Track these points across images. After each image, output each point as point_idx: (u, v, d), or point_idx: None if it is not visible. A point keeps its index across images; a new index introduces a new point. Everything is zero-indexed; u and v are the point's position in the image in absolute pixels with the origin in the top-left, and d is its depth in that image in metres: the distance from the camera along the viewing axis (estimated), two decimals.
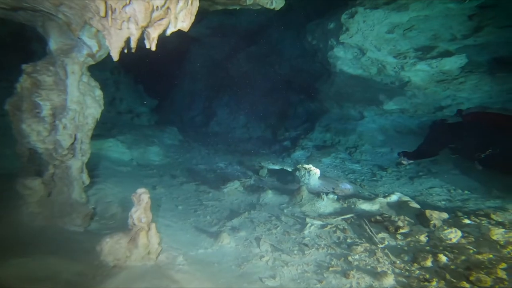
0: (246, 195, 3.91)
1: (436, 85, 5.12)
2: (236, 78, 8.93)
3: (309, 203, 3.47)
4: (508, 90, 4.99)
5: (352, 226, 3.03)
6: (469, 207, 3.66)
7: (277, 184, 4.46)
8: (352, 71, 5.62)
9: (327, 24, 5.41)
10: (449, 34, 4.55)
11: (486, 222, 2.88)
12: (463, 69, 4.78)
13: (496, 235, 2.55)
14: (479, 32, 4.36)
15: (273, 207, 3.53)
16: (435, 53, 4.71)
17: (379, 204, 3.35)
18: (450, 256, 2.34)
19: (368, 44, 4.91)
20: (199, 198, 3.83)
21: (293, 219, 3.22)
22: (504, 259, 2.20)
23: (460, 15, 4.28)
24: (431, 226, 2.82)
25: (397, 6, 4.34)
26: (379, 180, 4.61)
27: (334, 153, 5.70)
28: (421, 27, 4.59)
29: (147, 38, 1.82)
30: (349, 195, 3.90)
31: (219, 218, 3.30)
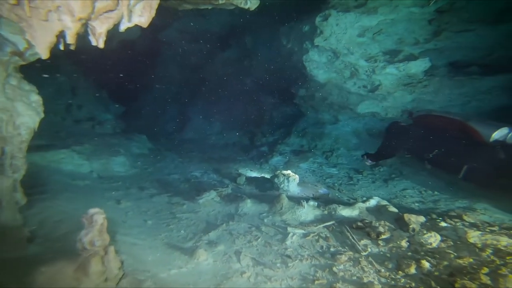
0: (223, 206, 3.68)
1: (404, 88, 5.30)
2: (210, 83, 8.66)
3: (290, 211, 3.34)
4: (465, 94, 5.32)
5: (334, 234, 2.94)
6: (441, 208, 3.78)
7: (256, 192, 4.29)
8: (327, 75, 5.66)
9: (301, 27, 5.40)
10: (412, 38, 4.74)
11: (461, 224, 2.95)
12: (426, 72, 4.99)
13: (473, 238, 2.59)
14: (438, 36, 4.59)
15: (252, 217, 3.34)
16: (401, 56, 4.89)
17: (359, 209, 3.32)
18: (433, 262, 2.33)
19: (341, 47, 4.96)
20: (171, 211, 3.53)
21: (274, 229, 3.06)
22: (485, 263, 2.22)
23: (421, 20, 4.48)
24: (410, 230, 2.83)
25: (367, 10, 4.44)
26: (356, 183, 4.63)
27: (311, 158, 5.67)
28: (388, 30, 4.73)
29: (92, 33, 1.52)
30: (328, 200, 3.84)
31: (195, 231, 3.04)
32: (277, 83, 7.65)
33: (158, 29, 7.33)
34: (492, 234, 2.67)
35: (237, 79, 8.32)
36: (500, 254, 2.33)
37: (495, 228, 2.85)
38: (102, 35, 1.52)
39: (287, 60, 6.59)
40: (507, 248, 2.43)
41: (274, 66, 7.34)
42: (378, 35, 4.82)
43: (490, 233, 2.68)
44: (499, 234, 2.66)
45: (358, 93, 5.68)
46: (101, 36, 1.52)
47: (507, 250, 2.38)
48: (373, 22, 4.60)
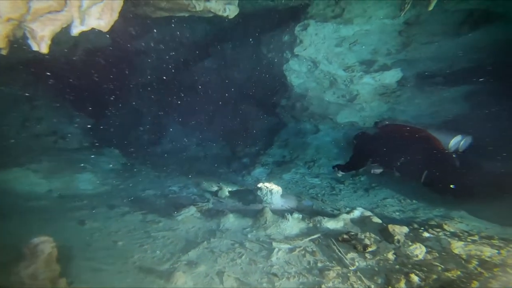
0: (204, 221, 3.45)
1: (380, 98, 5.46)
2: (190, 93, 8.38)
3: (274, 225, 3.19)
4: (433, 103, 5.56)
5: (320, 247, 2.83)
6: (420, 217, 3.82)
7: (239, 206, 4.10)
8: (307, 84, 5.70)
9: (282, 37, 5.41)
10: (385, 48, 4.91)
11: (442, 234, 2.96)
12: (399, 83, 5.17)
13: (457, 248, 2.59)
14: (407, 47, 4.78)
15: (235, 233, 3.15)
16: (376, 66, 5.05)
17: (343, 221, 3.25)
18: (421, 275, 2.28)
19: (320, 57, 5.03)
20: (146, 229, 3.23)
21: (259, 244, 2.89)
22: (473, 276, 2.20)
23: (392, 31, 4.65)
24: (395, 242, 2.78)
25: (344, 20, 4.54)
26: (338, 194, 4.60)
27: (294, 169, 5.60)
28: (364, 41, 4.86)
29: (31, 36, 1.30)
30: (313, 212, 3.75)
31: (173, 251, 2.78)
32: (259, 93, 7.59)
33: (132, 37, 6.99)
34: (475, 244, 2.68)
35: (218, 88, 8.16)
36: (486, 266, 2.32)
37: (476, 238, 2.86)
38: (44, 39, 1.31)
39: (268, 70, 6.58)
40: (492, 259, 2.42)
41: (255, 76, 7.29)
42: (354, 46, 4.94)
43: (473, 243, 2.69)
44: (481, 244, 2.67)
45: (337, 102, 5.76)
46: (43, 40, 1.30)
47: (493, 261, 2.37)
48: (349, 32, 4.71)
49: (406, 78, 5.24)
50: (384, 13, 4.31)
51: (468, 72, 5.02)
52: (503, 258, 2.43)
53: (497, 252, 2.54)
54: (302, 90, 5.80)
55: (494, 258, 2.44)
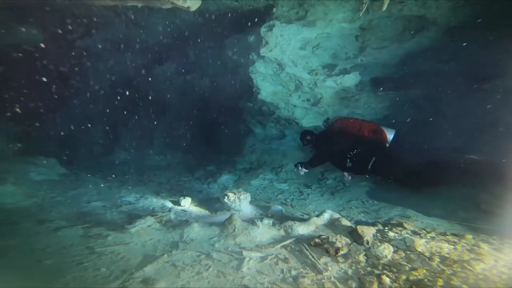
0: (165, 233, 3.12)
1: (341, 102, 5.66)
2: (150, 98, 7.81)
3: (244, 232, 3.01)
4: (386, 108, 5.96)
5: (293, 254, 2.73)
6: (383, 217, 3.98)
7: (205, 215, 3.85)
8: (273, 87, 5.68)
9: (247, 38, 5.35)
10: (344, 53, 5.12)
11: (405, 232, 3.10)
12: (357, 87, 5.41)
13: (420, 246, 2.67)
14: (363, 52, 5.03)
15: (201, 243, 2.90)
16: (337, 70, 5.22)
17: (314, 224, 3.21)
18: (392, 276, 2.29)
19: (286, 59, 5.04)
20: (88, 245, 2.78)
21: (228, 254, 2.68)
22: (437, 274, 2.26)
23: (350, 35, 4.86)
24: (365, 243, 2.81)
25: (307, 23, 4.62)
26: (306, 198, 4.61)
27: (261, 174, 5.51)
28: (325, 45, 5.01)
29: None
30: (283, 218, 3.66)
31: (124, 268, 2.42)
32: (225, 98, 7.38)
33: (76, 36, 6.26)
34: (434, 241, 2.81)
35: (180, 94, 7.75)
36: (447, 263, 2.42)
37: (434, 234, 3.02)
38: None
39: (234, 73, 6.45)
40: (450, 255, 2.54)
41: (221, 80, 7.09)
42: (317, 49, 5.06)
43: (432, 240, 2.82)
44: (439, 241, 2.81)
45: (303, 106, 5.84)
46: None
47: (452, 258, 2.49)
48: (312, 34, 4.81)
49: (363, 83, 5.52)
50: (342, 17, 4.48)
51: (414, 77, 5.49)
52: (459, 254, 2.58)
53: (453, 247, 2.68)
54: (268, 94, 5.77)
55: (452, 254, 2.57)
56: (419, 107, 5.87)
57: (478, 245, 2.72)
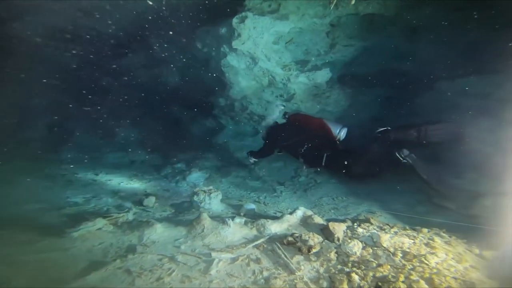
0: (120, 236, 2.86)
1: (313, 98, 5.67)
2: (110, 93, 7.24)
3: (213, 232, 2.89)
4: (353, 105, 6.11)
5: (265, 253, 2.67)
6: (351, 213, 4.07)
7: (171, 215, 3.63)
8: (246, 82, 5.56)
9: (218, 30, 5.17)
10: (315, 49, 5.15)
11: (372, 228, 3.18)
12: (328, 84, 5.45)
13: (385, 242, 2.72)
14: (333, 49, 5.11)
15: (164, 245, 2.71)
16: (310, 66, 5.22)
17: (287, 222, 3.18)
18: (360, 273, 2.31)
19: (259, 53, 4.94)
20: (7, 253, 2.39)
21: (195, 256, 2.54)
22: (399, 269, 2.31)
23: (321, 31, 4.90)
24: (336, 240, 2.83)
25: (280, 16, 4.57)
26: (279, 195, 4.58)
27: (234, 172, 5.38)
28: (298, 40, 5.00)
29: None
30: (256, 216, 3.58)
31: (58, 277, 2.12)
32: (195, 93, 7.10)
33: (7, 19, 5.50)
34: (397, 236, 2.87)
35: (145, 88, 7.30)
36: (408, 257, 2.47)
37: (396, 229, 3.09)
38: None
39: (204, 67, 6.20)
40: (410, 249, 2.60)
41: (190, 74, 6.79)
42: (290, 45, 5.03)
43: (396, 235, 2.88)
44: (401, 236, 2.88)
45: (276, 102, 5.80)
46: None
47: (412, 252, 2.54)
48: (286, 28, 4.76)
49: (333, 80, 5.61)
50: (314, 12, 4.49)
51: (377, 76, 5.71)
52: (418, 248, 2.65)
53: (413, 242, 2.76)
54: (241, 88, 5.64)
55: (411, 249, 2.64)
56: (382, 105, 6.11)
57: (433, 239, 2.83)
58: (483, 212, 3.08)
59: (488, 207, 3.08)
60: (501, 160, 3.18)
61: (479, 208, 3.14)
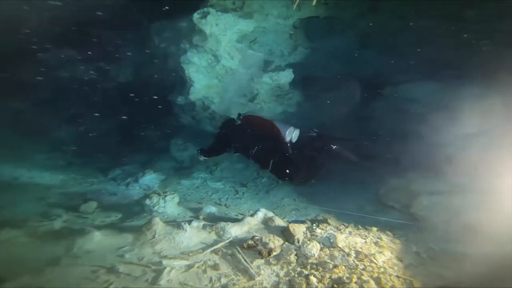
0: (39, 247, 2.49)
1: (276, 99, 5.64)
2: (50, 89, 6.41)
3: (167, 238, 2.67)
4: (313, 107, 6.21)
5: (225, 258, 2.53)
6: (311, 214, 4.09)
7: (116, 221, 3.31)
8: (208, 80, 5.33)
9: (178, 25, 4.90)
10: (279, 50, 5.14)
11: (329, 228, 3.16)
12: (290, 85, 5.43)
13: (341, 242, 2.73)
14: (296, 51, 5.14)
15: (103, 255, 2.42)
16: (273, 66, 5.18)
17: (248, 225, 3.08)
18: (318, 276, 2.28)
19: (222, 51, 4.78)
20: None
21: (141, 266, 2.30)
22: (353, 270, 2.34)
23: (284, 32, 4.90)
24: (296, 242, 2.80)
25: (244, 14, 4.47)
26: (242, 197, 4.47)
27: (194, 173, 5.12)
28: (262, 40, 4.95)
29: None
30: (216, 219, 3.42)
31: None
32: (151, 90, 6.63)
33: None
34: (351, 236, 2.91)
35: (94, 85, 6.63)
36: (360, 257, 2.51)
37: (350, 229, 3.15)
38: None
39: (162, 63, 5.85)
40: (362, 249, 2.65)
41: (146, 70, 6.33)
42: (253, 44, 4.96)
43: (350, 235, 2.92)
44: (355, 235, 2.93)
45: (239, 102, 5.67)
46: None
47: (363, 252, 2.59)
48: (249, 27, 4.67)
49: (296, 82, 5.65)
50: (277, 12, 4.47)
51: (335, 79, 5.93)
52: (368, 247, 2.71)
53: (364, 241, 2.82)
54: (202, 87, 5.39)
55: (363, 248, 2.70)
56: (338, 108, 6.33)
57: (381, 238, 2.92)
58: (421, 210, 3.24)
59: (426, 205, 3.24)
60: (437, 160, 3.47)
61: (418, 206, 3.29)
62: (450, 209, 3.04)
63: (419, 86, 4.81)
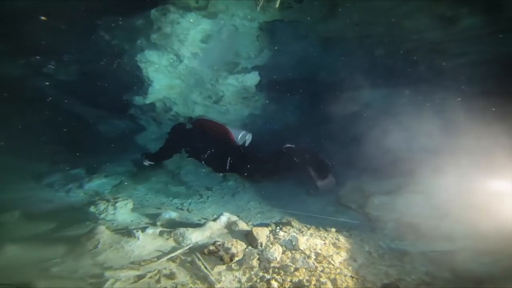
0: None
1: (242, 101, 5.57)
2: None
3: (113, 248, 2.43)
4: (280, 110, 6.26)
5: (183, 266, 2.36)
6: (275, 216, 4.06)
7: (48, 231, 2.92)
8: (170, 81, 5.08)
9: (132, 21, 4.62)
10: (245, 52, 5.09)
11: (292, 231, 3.10)
12: (257, 87, 5.40)
13: (302, 244, 2.70)
14: (262, 53, 5.14)
15: (18, 270, 2.10)
16: (240, 68, 5.12)
17: (210, 230, 2.93)
18: (279, 280, 2.21)
19: (185, 50, 4.62)
20: None
21: (73, 280, 2.04)
22: (312, 272, 2.32)
23: (251, 34, 4.87)
24: (259, 246, 2.72)
25: (208, 14, 4.34)
26: (206, 201, 4.29)
27: (154, 177, 4.82)
28: (228, 41, 4.83)
29: None
30: (176, 224, 3.21)
31: None
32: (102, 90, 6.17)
33: None
34: (312, 237, 2.90)
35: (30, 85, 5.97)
36: (319, 259, 2.51)
37: (312, 231, 3.13)
38: None
39: (115, 61, 5.48)
40: (322, 251, 2.65)
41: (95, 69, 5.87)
42: (219, 45, 4.83)
43: (311, 237, 2.90)
44: (315, 237, 2.92)
45: (204, 103, 5.50)
46: None
47: (322, 253, 2.60)
48: (214, 27, 4.56)
49: (262, 84, 5.64)
50: (243, 14, 4.42)
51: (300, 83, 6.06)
52: (327, 249, 2.72)
53: (323, 243, 2.82)
54: (163, 87, 5.12)
55: (323, 250, 2.70)
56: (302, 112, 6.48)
57: (339, 238, 2.95)
58: (373, 210, 3.36)
59: (377, 205, 3.37)
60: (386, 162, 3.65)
61: (371, 206, 3.41)
62: (396, 208, 3.17)
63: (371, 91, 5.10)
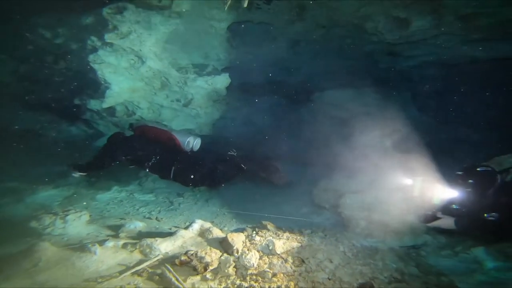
0: None
1: (213, 104, 5.41)
2: None
3: (61, 264, 2.15)
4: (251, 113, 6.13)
5: (151, 280, 2.15)
6: (251, 221, 3.96)
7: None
8: (131, 83, 4.72)
9: (80, 18, 4.27)
10: (215, 54, 4.93)
11: (269, 235, 2.98)
12: (228, 89, 5.25)
13: (279, 248, 2.63)
14: (232, 55, 5.02)
15: None
16: (209, 70, 4.94)
17: (182, 238, 2.72)
18: (257, 287, 2.12)
19: (147, 51, 4.32)
20: None
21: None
22: (291, 277, 2.27)
23: (220, 35, 4.70)
24: (235, 252, 2.58)
25: (172, 13, 4.12)
26: (177, 208, 4.04)
27: (116, 186, 4.43)
28: (195, 42, 4.65)
29: None
30: (142, 235, 2.92)
31: None
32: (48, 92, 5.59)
33: None
34: (289, 240, 2.83)
35: None
36: (296, 263, 2.48)
37: (288, 234, 3.07)
38: None
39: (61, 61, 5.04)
40: (299, 254, 2.60)
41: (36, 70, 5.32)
42: (186, 46, 4.63)
43: (287, 240, 2.84)
44: (292, 240, 2.86)
45: (171, 107, 5.22)
46: None
47: (300, 257, 2.56)
48: (180, 28, 4.34)
49: (233, 86, 5.47)
50: (210, 15, 4.28)
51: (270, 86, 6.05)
52: (304, 251, 2.69)
53: (300, 245, 2.77)
54: (123, 90, 4.74)
55: (300, 253, 2.65)
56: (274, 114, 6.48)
57: (314, 240, 2.92)
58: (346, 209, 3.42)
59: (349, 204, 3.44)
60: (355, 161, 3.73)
61: (343, 205, 3.47)
62: (365, 207, 3.25)
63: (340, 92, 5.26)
